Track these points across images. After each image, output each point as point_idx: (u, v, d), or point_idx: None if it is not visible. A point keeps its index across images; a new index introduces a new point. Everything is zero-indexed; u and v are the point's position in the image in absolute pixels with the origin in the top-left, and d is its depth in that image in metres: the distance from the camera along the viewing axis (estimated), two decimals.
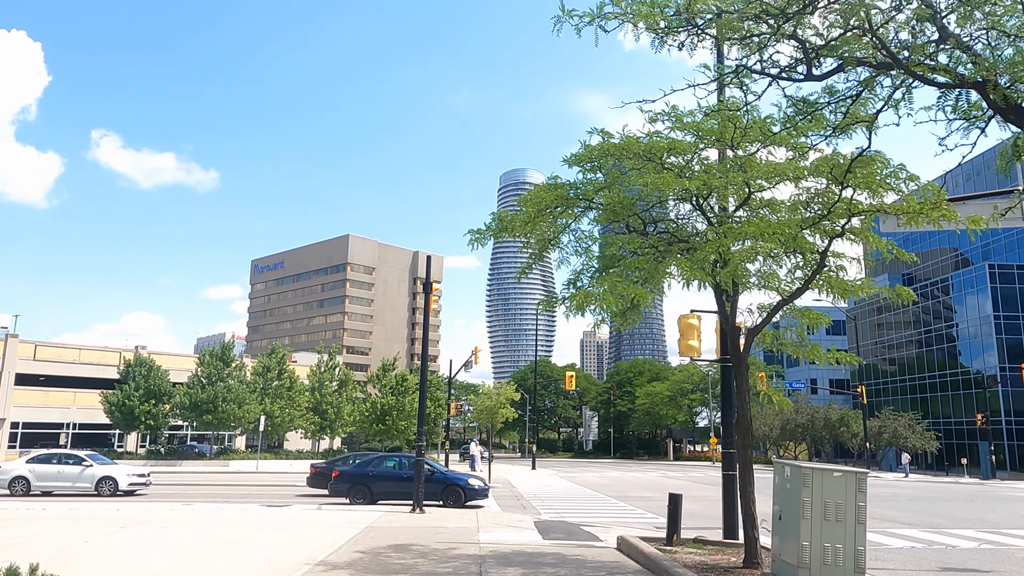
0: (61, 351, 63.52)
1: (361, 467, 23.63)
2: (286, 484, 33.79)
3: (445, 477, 23.00)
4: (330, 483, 23.15)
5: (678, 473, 50.13)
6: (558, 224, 11.20)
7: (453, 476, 23.46)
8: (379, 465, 23.74)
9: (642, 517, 21.08)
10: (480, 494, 22.73)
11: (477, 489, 22.69)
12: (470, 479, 23.15)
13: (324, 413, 53.51)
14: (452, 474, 24.02)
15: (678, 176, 9.70)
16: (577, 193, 10.88)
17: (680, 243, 10.21)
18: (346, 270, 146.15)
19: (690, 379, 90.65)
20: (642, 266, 9.71)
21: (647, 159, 10.11)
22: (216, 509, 19.63)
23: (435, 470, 22.98)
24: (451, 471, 25.00)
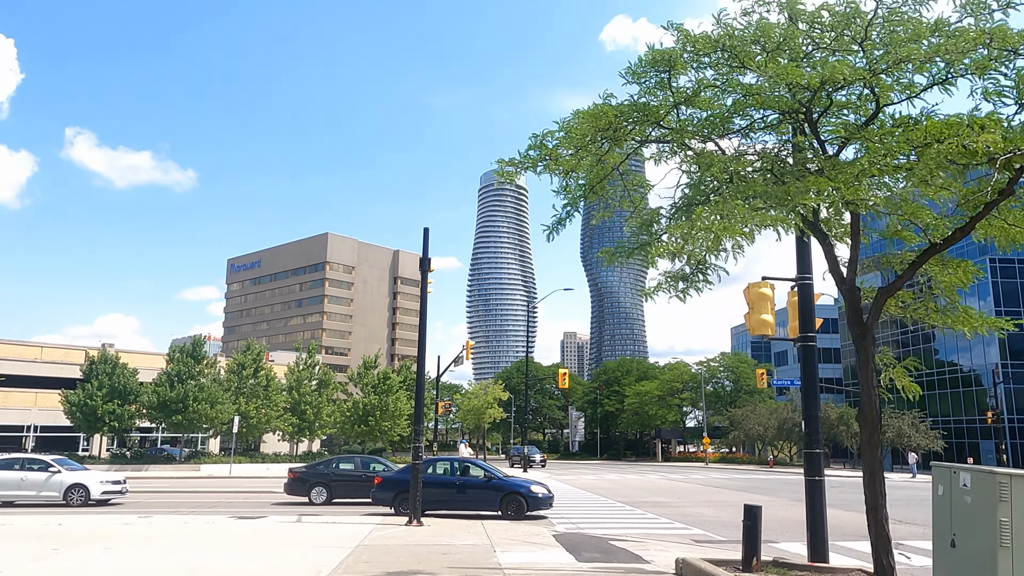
0: (21, 349, 59.71)
1: (406, 472, 20.31)
2: (262, 490, 30.82)
3: (504, 484, 19.82)
4: (373, 491, 20.20)
5: (678, 475, 47.74)
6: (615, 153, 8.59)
7: (513, 483, 20.09)
8: (432, 469, 20.69)
9: (670, 527, 18.51)
10: (544, 503, 19.50)
11: (541, 498, 19.43)
12: (532, 486, 19.74)
13: (303, 414, 50.33)
14: (512, 480, 20.50)
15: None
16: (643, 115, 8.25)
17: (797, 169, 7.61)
18: (325, 269, 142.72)
19: (680, 378, 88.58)
20: (765, 191, 7.04)
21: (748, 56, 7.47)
22: (177, 523, 16.74)
23: (491, 475, 20.01)
24: (510, 476, 21.23)
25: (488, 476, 20.02)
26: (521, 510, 19.18)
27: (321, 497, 23.75)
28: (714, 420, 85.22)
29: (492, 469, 20.77)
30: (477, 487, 19.72)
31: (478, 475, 20.22)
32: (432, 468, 20.56)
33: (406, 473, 20.02)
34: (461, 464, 20.74)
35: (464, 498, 19.62)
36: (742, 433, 71.73)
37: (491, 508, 19.45)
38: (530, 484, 20.11)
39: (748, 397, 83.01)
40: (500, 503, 19.28)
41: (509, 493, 19.39)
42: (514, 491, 19.46)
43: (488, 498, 19.42)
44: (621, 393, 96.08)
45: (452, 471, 20.35)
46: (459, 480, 19.92)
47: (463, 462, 21.00)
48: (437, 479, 19.88)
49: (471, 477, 20.15)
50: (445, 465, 20.84)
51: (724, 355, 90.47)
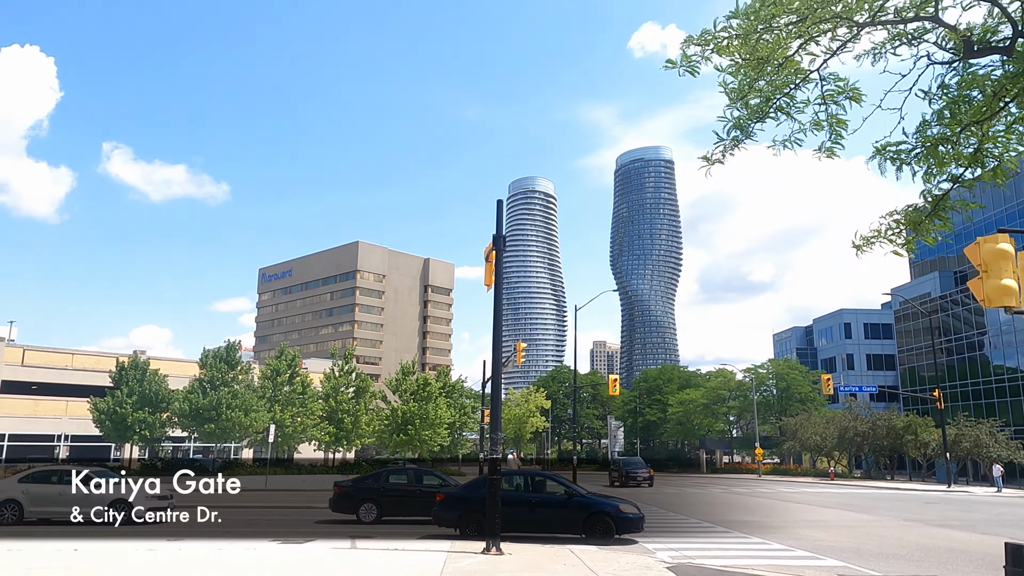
0: (52, 356, 58.28)
1: (474, 488, 17.91)
2: (301, 505, 28.20)
3: (588, 502, 17.12)
4: (435, 509, 17.65)
5: (742, 489, 44.31)
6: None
7: (599, 500, 17.47)
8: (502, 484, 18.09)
9: (791, 555, 15.46)
10: (635, 525, 16.81)
11: (632, 518, 16.79)
12: (621, 505, 17.14)
13: (340, 423, 47.82)
14: (597, 498, 17.83)
15: None
16: None
17: None
18: (356, 278, 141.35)
19: (725, 386, 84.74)
20: None
21: None
22: (211, 549, 14.14)
23: (572, 491, 17.30)
24: (594, 493, 18.56)
25: (569, 492, 17.30)
26: (609, 532, 16.51)
27: (371, 515, 21.09)
28: (761, 430, 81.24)
29: (572, 484, 17.95)
30: (556, 505, 17.05)
31: (556, 491, 17.51)
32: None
33: (473, 489, 17.24)
34: (535, 478, 18.10)
35: (540, 518, 16.98)
36: (797, 443, 67.75)
37: (572, 530, 16.77)
38: (618, 503, 17.28)
39: (799, 405, 78.96)
40: (584, 524, 16.62)
41: (595, 513, 16.71)
42: (601, 510, 16.80)
43: (569, 518, 16.80)
44: (663, 402, 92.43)
45: (526, 487, 17.76)
46: (534, 497, 17.28)
47: (537, 476, 18.34)
48: (508, 496, 17.08)
49: (549, 494, 17.50)
50: (517, 480, 18.23)
51: (773, 362, 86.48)
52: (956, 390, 71.19)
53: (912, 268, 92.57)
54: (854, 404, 65.65)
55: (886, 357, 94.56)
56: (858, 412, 62.60)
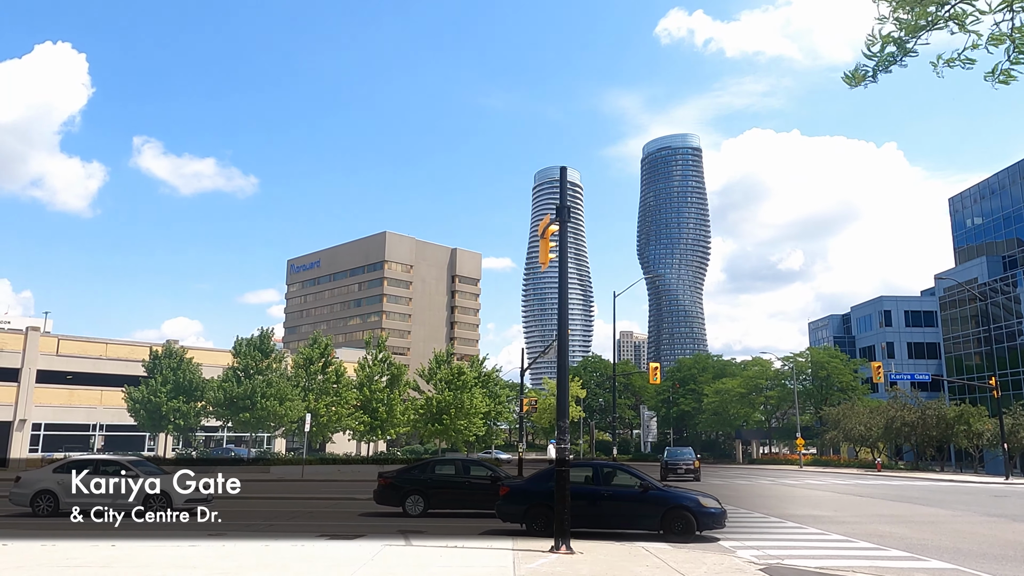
0: (86, 345, 58.21)
1: (541, 480, 16.55)
2: (340, 496, 27.30)
3: (666, 495, 15.67)
4: (499, 503, 16.38)
5: (790, 480, 42.68)
6: None
7: (678, 494, 16.00)
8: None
9: (885, 554, 14.04)
10: (717, 520, 15.32)
11: (713, 513, 15.28)
12: (702, 499, 15.60)
13: (375, 412, 46.94)
14: (674, 491, 16.30)
15: None
16: None
17: None
18: (384, 268, 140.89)
19: (763, 375, 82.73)
20: None
21: None
22: (257, 546, 13.09)
23: (647, 483, 15.78)
24: (670, 487, 17.07)
25: (644, 485, 15.72)
26: (689, 529, 15.02)
27: (418, 507, 19.99)
28: (800, 420, 79.16)
29: (646, 476, 16.42)
30: (629, 499, 15.56)
31: (630, 484, 15.97)
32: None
33: (539, 482, 15.96)
34: (605, 470, 16.60)
35: (612, 513, 15.57)
36: (840, 433, 65.67)
37: (648, 526, 15.37)
38: (698, 496, 15.78)
39: (840, 395, 76.77)
40: (662, 520, 15.15)
41: (673, 508, 15.21)
42: (680, 505, 15.29)
43: (645, 513, 15.34)
44: (698, 392, 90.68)
45: (596, 479, 16.15)
46: (606, 490, 15.74)
47: (607, 467, 16.93)
48: (576, 489, 15.58)
49: (621, 486, 15.96)
50: (586, 471, 16.66)
51: (812, 350, 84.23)
52: (1007, 379, 68.49)
53: (957, 253, 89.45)
54: (899, 393, 63.37)
55: (928, 345, 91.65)
56: (905, 401, 60.37)
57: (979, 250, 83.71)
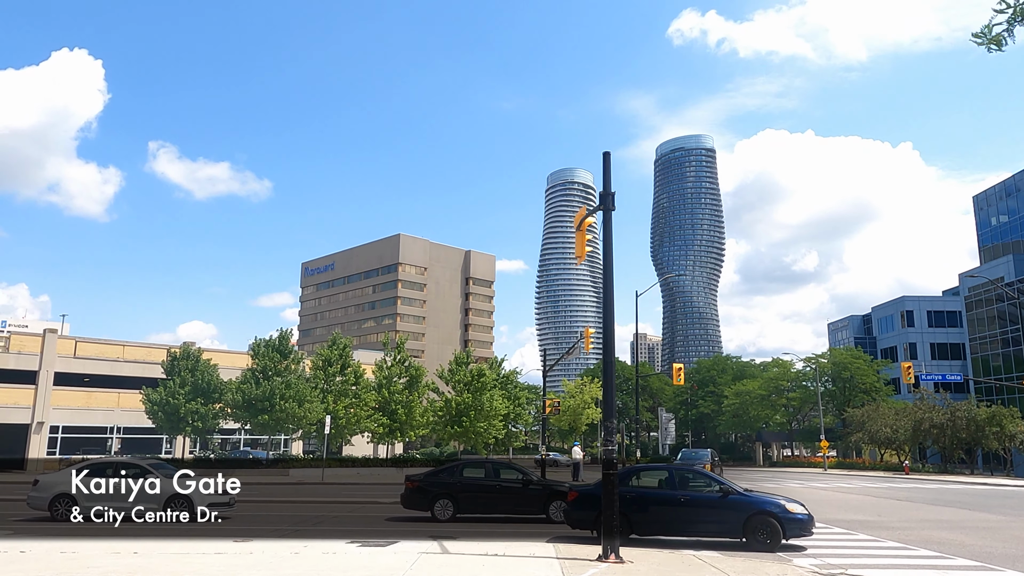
0: (103, 348, 58.02)
1: None
2: (364, 500, 26.62)
3: (748, 500, 14.60)
4: (567, 509, 15.69)
5: (820, 483, 41.64)
6: None
7: (759, 499, 14.83)
8: (639, 481, 15.88)
9: (950, 563, 13.13)
10: (804, 527, 14.28)
11: (800, 519, 14.24)
12: (787, 504, 14.51)
13: (394, 414, 46.29)
14: (757, 496, 15.11)
15: None
16: None
17: None
18: (398, 270, 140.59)
19: (784, 376, 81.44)
20: None
21: None
22: (285, 552, 12.39)
23: (726, 488, 14.81)
24: (751, 491, 15.76)
25: (724, 490, 14.76)
26: (775, 537, 13.96)
27: (447, 511, 19.25)
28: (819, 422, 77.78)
29: (725, 480, 15.47)
30: (708, 505, 14.62)
31: (708, 488, 15.09)
32: (636, 479, 15.73)
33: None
34: (681, 473, 15.66)
35: (689, 519, 14.64)
36: (866, 435, 64.34)
37: (729, 533, 14.48)
38: (784, 500, 14.69)
39: (864, 396, 75.38)
40: (744, 527, 14.15)
41: (757, 513, 14.17)
42: (763, 511, 14.23)
43: (725, 520, 14.36)
44: (718, 393, 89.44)
45: (671, 483, 15.19)
46: (682, 495, 14.75)
47: (684, 471, 16.00)
48: (651, 495, 14.98)
49: (698, 491, 15.05)
50: (660, 475, 15.79)
51: (834, 351, 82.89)
52: None
53: (982, 252, 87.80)
54: (927, 395, 62.02)
55: (951, 346, 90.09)
56: (934, 403, 59.02)
57: (1005, 248, 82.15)
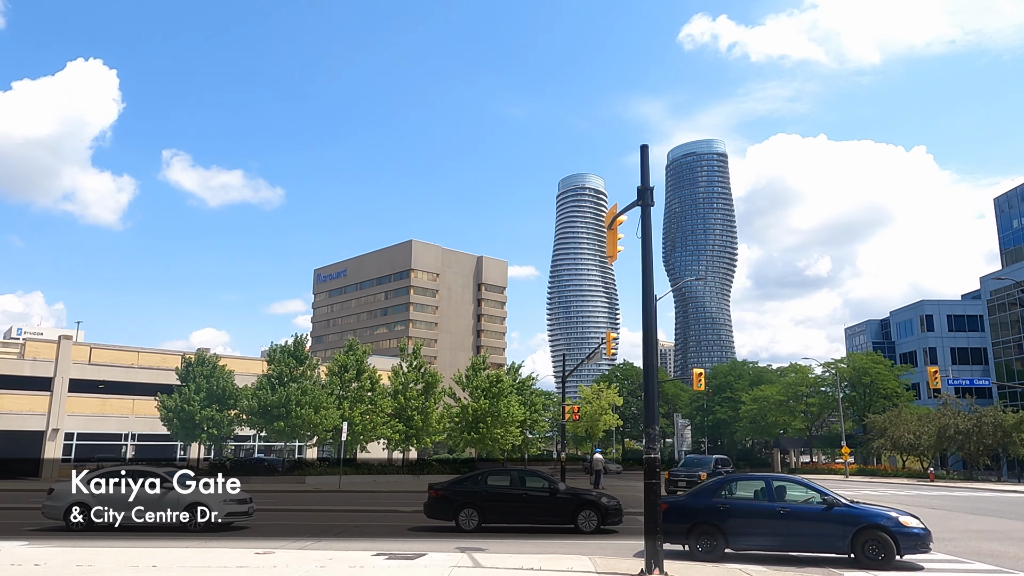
0: (119, 354, 57.82)
1: (703, 496, 14.55)
2: (383, 508, 26.07)
3: (854, 513, 13.44)
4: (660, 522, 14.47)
5: (845, 491, 40.43)
6: None
7: (868, 511, 13.63)
8: (733, 492, 14.58)
9: None
10: (922, 543, 13.12)
11: (917, 533, 13.10)
12: (901, 516, 13.37)
13: (410, 420, 45.75)
14: (865, 508, 13.88)
15: None
16: None
17: None
18: (410, 276, 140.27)
19: (803, 382, 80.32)
20: None
21: None
22: (310, 564, 11.80)
23: (831, 499, 13.69)
24: (858, 502, 14.41)
25: (827, 501, 13.63)
26: (889, 553, 12.84)
27: (472, 521, 18.62)
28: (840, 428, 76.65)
29: (827, 490, 14.30)
30: (810, 517, 13.56)
31: (808, 498, 13.93)
32: (728, 490, 14.58)
33: (703, 497, 14.41)
34: (776, 483, 14.53)
35: (789, 532, 13.63)
36: (888, 441, 63.18)
37: (834, 548, 13.40)
38: (897, 513, 13.56)
39: (885, 402, 74.19)
40: (852, 542, 13.09)
41: (866, 527, 13.11)
42: (873, 524, 13.15)
43: (830, 533, 13.33)
44: (734, 399, 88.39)
45: (768, 493, 14.06)
46: (781, 507, 13.68)
47: (778, 479, 14.92)
48: (746, 507, 13.99)
49: (799, 502, 13.90)
50: (755, 485, 14.76)
51: (854, 356, 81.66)
52: None
53: (1004, 255, 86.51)
54: (951, 400, 60.86)
55: (972, 351, 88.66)
56: (958, 408, 57.86)
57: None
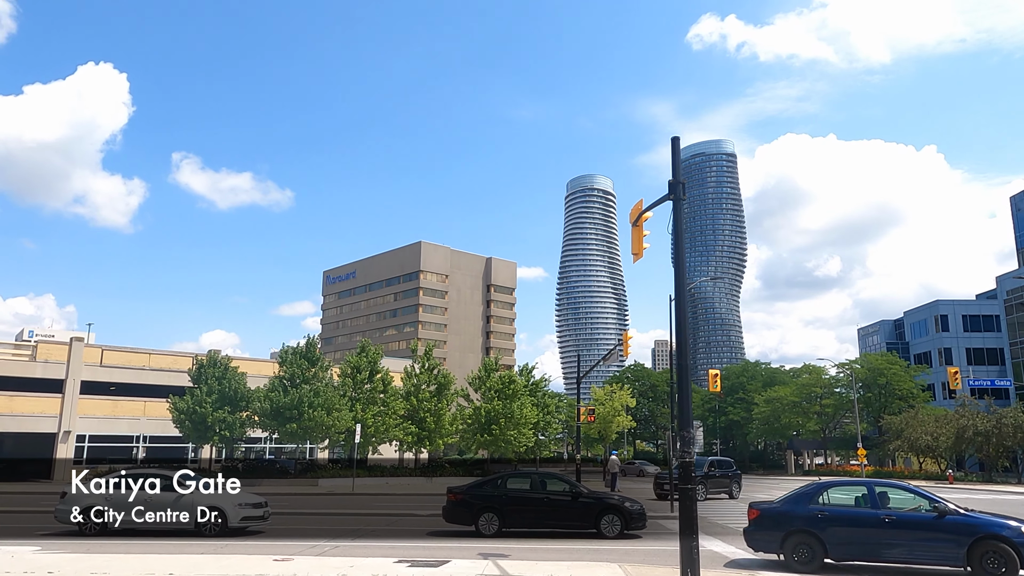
0: (130, 356, 57.71)
1: (800, 502, 13.46)
2: (399, 511, 25.68)
3: (970, 522, 12.31)
4: (748, 529, 13.66)
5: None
6: None
7: (986, 520, 12.49)
8: (831, 498, 13.48)
9: None
10: None
11: None
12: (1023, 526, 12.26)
13: (422, 422, 45.37)
14: (982, 516, 12.66)
15: None
16: None
17: None
18: (419, 278, 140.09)
19: (817, 382, 79.47)
20: None
21: None
22: (329, 571, 11.39)
23: (940, 507, 12.51)
24: (975, 511, 12.94)
25: (938, 509, 12.51)
26: (1012, 568, 11.76)
27: (492, 526, 18.21)
28: (856, 429, 75.79)
29: (936, 497, 13.11)
30: (919, 526, 12.53)
31: (916, 506, 12.90)
32: (823, 496, 13.43)
33: (799, 503, 13.47)
34: (882, 490, 13.46)
35: (894, 542, 12.63)
36: (905, 443, 62.37)
37: (947, 560, 12.38)
38: (1016, 522, 12.36)
39: (900, 403, 73.34)
40: (968, 554, 11.96)
41: (984, 538, 11.96)
42: (992, 535, 12.00)
43: (941, 544, 12.33)
44: (747, 400, 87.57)
45: (871, 500, 13.03)
46: (886, 515, 12.65)
47: (884, 486, 13.86)
48: (846, 513, 13.01)
49: (905, 510, 12.88)
50: (856, 491, 13.64)
51: (869, 356, 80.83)
52: None
53: (1020, 254, 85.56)
54: (969, 401, 60.03)
55: (988, 351, 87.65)
56: (977, 409, 57.04)
57: None
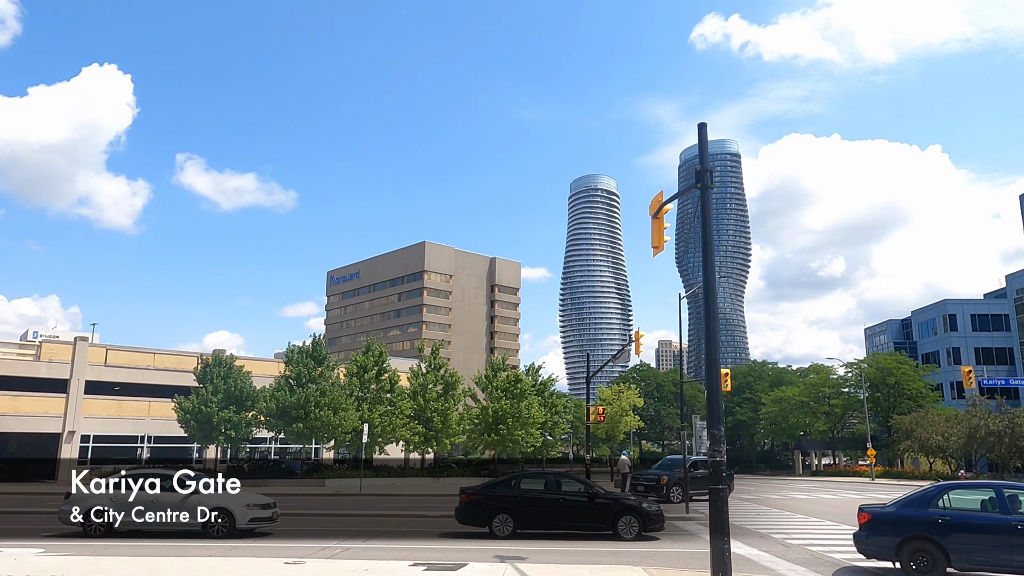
0: (135, 356, 57.36)
1: (918, 505, 12.35)
2: (409, 512, 25.23)
3: None
4: (859, 535, 12.54)
5: (880, 494, 39.33)
6: None
7: None
8: (951, 501, 12.26)
9: None
10: None
11: None
12: None
13: (429, 421, 44.92)
14: None
15: None
16: None
17: None
18: (423, 278, 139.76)
19: (825, 382, 78.84)
20: None
21: None
22: (342, 573, 10.95)
23: None
24: None
25: None
26: None
27: (506, 528, 17.76)
28: (865, 429, 75.18)
29: None
30: None
31: None
32: (943, 499, 12.30)
33: (916, 507, 12.33)
34: (1007, 491, 12.04)
35: None
36: (915, 444, 61.74)
37: None
38: None
39: (910, 403, 72.68)
40: None
41: None
42: None
43: None
44: (755, 400, 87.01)
45: (1000, 504, 11.70)
46: (1019, 522, 11.31)
47: (1009, 488, 12.30)
48: (971, 519, 11.84)
49: None
50: (982, 495, 12.33)
51: (878, 355, 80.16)
52: None
53: None
54: (980, 401, 59.37)
55: (997, 351, 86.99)
56: (988, 409, 56.37)
57: None
